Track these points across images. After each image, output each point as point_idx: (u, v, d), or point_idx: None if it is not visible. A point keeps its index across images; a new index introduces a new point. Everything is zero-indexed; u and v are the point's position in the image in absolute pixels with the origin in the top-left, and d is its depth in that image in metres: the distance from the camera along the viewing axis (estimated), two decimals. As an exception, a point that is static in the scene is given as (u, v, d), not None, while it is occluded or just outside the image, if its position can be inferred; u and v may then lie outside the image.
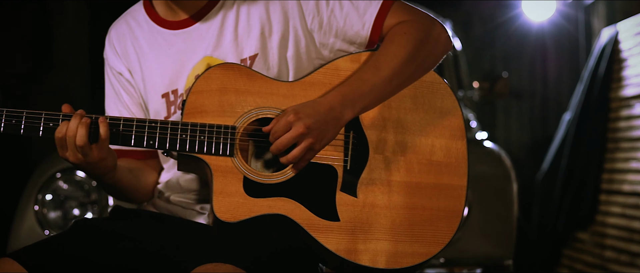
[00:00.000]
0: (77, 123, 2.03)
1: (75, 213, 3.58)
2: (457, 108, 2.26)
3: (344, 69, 2.20)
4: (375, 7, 2.22)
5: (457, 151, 2.24)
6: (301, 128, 2.03)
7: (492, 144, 4.07)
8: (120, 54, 2.34)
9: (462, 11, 8.34)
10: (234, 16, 2.24)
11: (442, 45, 2.23)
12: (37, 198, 3.54)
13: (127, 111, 2.35)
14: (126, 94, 2.35)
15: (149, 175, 2.35)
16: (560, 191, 6.21)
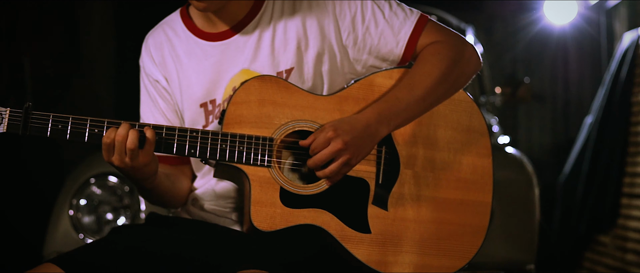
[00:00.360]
0: (127, 128, 2.09)
1: (108, 217, 3.68)
2: (484, 126, 2.34)
3: (378, 85, 2.27)
4: (410, 27, 2.29)
5: (483, 169, 2.32)
6: (339, 144, 2.11)
7: (514, 150, 4.13)
8: (157, 62, 2.41)
9: (484, 15, 8.39)
10: (271, 30, 2.30)
11: (473, 65, 2.31)
12: (72, 203, 3.63)
13: (163, 118, 2.42)
14: (162, 101, 2.42)
15: (183, 181, 2.42)
16: (581, 194, 6.26)
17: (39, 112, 2.15)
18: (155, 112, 2.42)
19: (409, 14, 2.31)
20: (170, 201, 2.40)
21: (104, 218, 3.68)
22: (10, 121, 2.11)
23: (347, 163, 2.14)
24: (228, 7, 2.29)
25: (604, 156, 6.08)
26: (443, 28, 2.34)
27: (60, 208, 3.64)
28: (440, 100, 2.27)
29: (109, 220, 3.67)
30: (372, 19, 2.29)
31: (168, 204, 2.42)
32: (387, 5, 2.31)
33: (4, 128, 2.11)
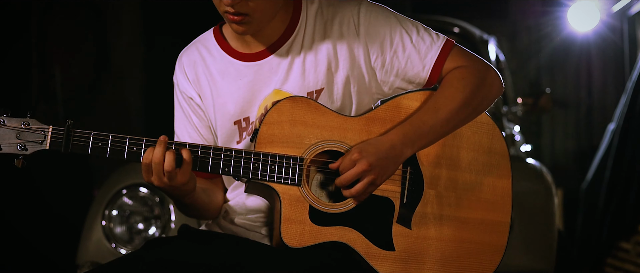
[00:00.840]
0: (163, 149, 2.18)
1: (139, 227, 3.79)
2: (505, 148, 2.43)
3: (404, 106, 2.36)
4: (436, 51, 2.37)
5: (503, 190, 2.41)
6: (364, 165, 2.21)
7: (534, 160, 4.21)
8: (191, 80, 2.49)
9: (508, 22, 8.47)
10: (303, 51, 2.38)
11: (496, 90, 2.39)
12: (104, 214, 3.75)
13: (196, 133, 2.50)
14: (196, 118, 2.50)
15: (218, 194, 2.51)
16: (603, 200, 6.31)
17: (81, 130, 2.23)
18: (190, 128, 2.51)
19: (435, 39, 2.39)
20: (207, 214, 2.49)
21: (136, 228, 3.79)
22: (52, 138, 2.21)
23: (372, 183, 2.24)
24: (263, 29, 2.37)
25: (626, 163, 6.13)
26: (468, 53, 2.42)
27: (93, 219, 3.76)
28: (463, 123, 2.36)
29: (140, 230, 3.78)
30: (400, 43, 2.37)
31: (205, 217, 2.52)
32: (414, 29, 2.39)
33: (47, 145, 2.21)
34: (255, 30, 2.35)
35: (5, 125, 2.20)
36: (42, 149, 2.22)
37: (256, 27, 2.34)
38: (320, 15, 2.41)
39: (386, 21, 2.38)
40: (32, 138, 2.21)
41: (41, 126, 2.22)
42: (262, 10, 2.29)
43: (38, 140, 2.21)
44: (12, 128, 2.20)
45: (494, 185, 2.41)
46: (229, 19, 2.31)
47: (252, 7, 2.26)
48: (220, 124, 2.45)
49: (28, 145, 2.20)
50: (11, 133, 2.20)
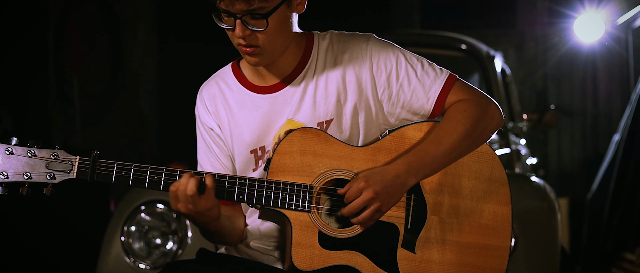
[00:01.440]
0: (188, 177, 2.33)
1: (157, 242, 3.91)
2: (504, 176, 2.55)
3: (409, 137, 2.50)
4: (439, 85, 2.50)
5: (503, 216, 2.54)
6: (371, 193, 2.35)
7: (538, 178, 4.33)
8: (211, 112, 2.62)
9: (516, 32, 8.60)
10: (314, 84, 2.52)
11: (496, 122, 2.53)
12: (123, 230, 3.87)
13: (218, 162, 2.62)
14: (217, 147, 2.63)
15: (240, 219, 2.63)
16: (608, 211, 6.43)
17: (105, 160, 2.37)
18: (212, 158, 2.63)
19: (439, 73, 2.52)
20: (230, 239, 2.62)
21: (153, 242, 3.91)
22: (79, 168, 2.36)
23: (378, 210, 2.38)
24: (277, 62, 2.51)
25: (630, 174, 6.24)
26: (470, 87, 2.55)
27: (111, 234, 3.88)
28: (464, 153, 2.49)
29: (158, 245, 3.90)
30: (406, 77, 2.50)
31: (229, 242, 2.64)
32: (419, 64, 2.53)
33: (74, 175, 2.36)
34: (268, 61, 2.48)
35: (36, 156, 2.35)
36: (69, 178, 2.36)
37: (268, 59, 2.47)
38: (331, 49, 2.54)
39: (393, 56, 2.51)
40: (60, 168, 2.35)
41: (69, 157, 2.36)
42: (272, 43, 2.42)
43: (66, 169, 2.35)
44: (42, 158, 2.35)
45: (495, 211, 2.53)
46: (242, 52, 2.44)
47: (262, 40, 2.40)
48: (237, 153, 2.58)
49: (56, 174, 2.35)
50: (41, 163, 2.35)
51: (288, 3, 2.43)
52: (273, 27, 2.40)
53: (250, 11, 2.35)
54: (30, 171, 2.34)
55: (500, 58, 5.44)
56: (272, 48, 2.44)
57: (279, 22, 2.41)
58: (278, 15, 2.40)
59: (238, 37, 2.39)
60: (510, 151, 4.77)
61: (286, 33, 2.47)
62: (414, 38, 5.72)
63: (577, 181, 8.27)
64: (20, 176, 2.34)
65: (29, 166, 2.34)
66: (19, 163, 2.34)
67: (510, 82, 5.64)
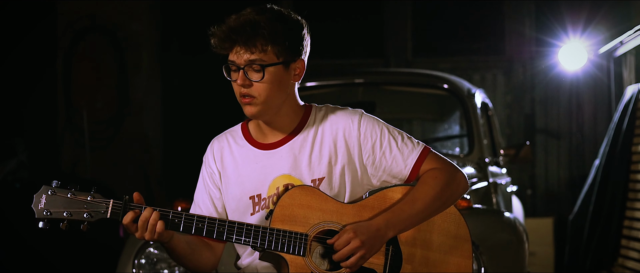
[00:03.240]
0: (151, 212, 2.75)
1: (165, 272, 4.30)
2: (467, 234, 2.97)
3: (389, 197, 2.92)
4: (416, 155, 2.94)
5: (465, 267, 2.95)
6: (357, 242, 2.77)
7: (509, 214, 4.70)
8: (216, 160, 3.04)
9: (504, 58, 9.00)
10: (309, 146, 2.95)
11: (462, 188, 2.96)
12: (134, 263, 4.24)
13: (209, 201, 3.03)
14: (214, 189, 3.04)
15: (203, 251, 3.01)
16: (587, 232, 6.83)
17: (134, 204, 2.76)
18: (205, 197, 3.05)
19: (415, 145, 2.96)
20: (187, 265, 3.00)
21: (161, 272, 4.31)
22: (113, 209, 2.75)
23: (362, 257, 2.79)
24: (277, 123, 2.94)
25: (608, 199, 6.64)
26: (441, 158, 2.98)
27: (124, 266, 4.25)
28: (435, 213, 2.91)
29: (165, 275, 4.30)
30: (388, 147, 2.94)
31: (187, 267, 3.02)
32: (400, 137, 2.96)
33: (108, 215, 2.75)
34: (263, 115, 2.89)
35: (76, 197, 2.75)
36: (103, 217, 2.76)
37: (263, 112, 2.87)
38: (326, 119, 2.97)
39: (378, 128, 2.94)
40: (95, 209, 2.75)
41: (104, 200, 2.75)
42: (267, 96, 2.83)
43: (101, 210, 2.75)
44: (81, 200, 2.74)
45: (458, 263, 2.95)
46: (241, 102, 2.87)
47: (258, 91, 2.81)
48: (238, 198, 2.98)
49: (93, 214, 2.75)
50: (80, 203, 2.74)
51: (285, 65, 2.84)
52: (268, 81, 2.81)
53: (251, 62, 2.78)
54: (70, 210, 2.74)
55: (481, 94, 5.78)
56: (266, 101, 2.84)
57: (274, 79, 2.82)
58: (274, 72, 2.81)
59: (239, 85, 2.82)
60: (487, 184, 5.14)
61: (281, 91, 2.87)
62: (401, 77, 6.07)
63: (563, 201, 8.66)
64: (61, 213, 2.73)
65: (70, 205, 2.73)
66: (60, 202, 2.73)
67: (492, 115, 5.99)
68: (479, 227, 4.29)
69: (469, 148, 5.32)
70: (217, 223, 2.82)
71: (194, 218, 2.81)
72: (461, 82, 5.68)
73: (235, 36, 2.78)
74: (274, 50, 2.80)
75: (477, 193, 4.99)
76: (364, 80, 5.77)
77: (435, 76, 5.85)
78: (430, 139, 5.90)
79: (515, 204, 6.49)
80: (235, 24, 2.78)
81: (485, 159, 5.27)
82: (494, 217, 4.50)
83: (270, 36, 2.78)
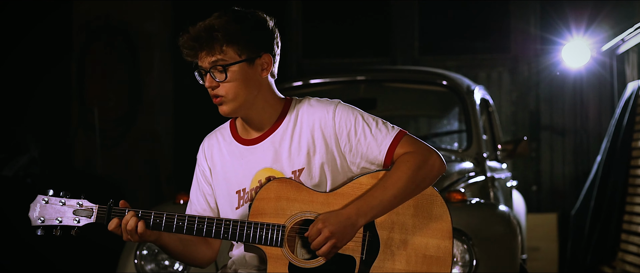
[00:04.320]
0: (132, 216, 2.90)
1: (166, 263, 4.42)
2: (447, 214, 3.04)
3: (365, 183, 3.00)
4: (389, 140, 3.02)
5: (445, 248, 3.02)
6: (327, 233, 2.88)
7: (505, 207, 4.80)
8: (207, 158, 3.18)
9: (510, 55, 9.10)
10: (289, 139, 3.05)
11: (436, 170, 3.02)
12: (136, 254, 4.37)
13: (203, 199, 3.18)
14: (206, 187, 3.18)
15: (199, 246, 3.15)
16: (588, 228, 6.93)
17: (118, 207, 2.93)
18: (199, 194, 3.19)
19: (390, 130, 3.04)
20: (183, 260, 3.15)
21: (162, 264, 4.41)
22: (98, 214, 2.92)
23: (334, 246, 2.90)
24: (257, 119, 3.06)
25: (608, 194, 6.74)
26: (415, 141, 3.06)
27: (126, 257, 4.39)
28: (408, 197, 2.99)
29: (166, 266, 4.41)
30: (363, 134, 3.03)
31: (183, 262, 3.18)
32: (374, 123, 3.05)
33: (94, 219, 2.93)
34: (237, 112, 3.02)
35: (66, 204, 2.92)
36: (90, 222, 2.93)
37: (234, 109, 3.00)
38: (304, 111, 3.08)
39: (352, 116, 3.05)
40: (83, 214, 2.92)
41: (91, 205, 2.92)
42: (234, 94, 2.97)
43: (88, 215, 2.92)
44: (70, 206, 2.92)
45: (438, 244, 3.02)
46: (215, 103, 3.00)
47: (224, 91, 2.95)
48: (226, 192, 3.12)
49: (81, 219, 2.91)
50: (69, 210, 2.91)
51: (249, 62, 2.97)
52: (233, 79, 2.95)
53: (214, 63, 2.92)
54: (61, 217, 2.91)
55: (481, 90, 5.88)
56: (235, 98, 2.98)
57: (239, 76, 2.96)
58: (238, 70, 2.95)
59: (207, 87, 2.97)
60: (485, 178, 5.26)
61: (249, 87, 3.00)
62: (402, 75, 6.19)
63: (568, 197, 8.75)
64: (53, 220, 2.91)
65: (60, 212, 2.91)
66: (52, 210, 2.91)
67: (492, 111, 6.10)
68: (473, 220, 4.41)
69: (467, 143, 5.43)
70: (196, 220, 2.94)
71: (174, 217, 2.94)
72: (461, 79, 5.79)
73: (194, 43, 2.93)
74: (233, 49, 2.94)
75: (474, 187, 5.11)
76: (366, 77, 5.90)
77: (435, 73, 5.96)
78: (429, 135, 6.03)
79: (516, 198, 6.61)
80: (194, 32, 2.93)
81: (483, 154, 5.38)
82: (487, 210, 4.62)
83: (225, 37, 2.92)
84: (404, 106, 6.25)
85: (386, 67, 8.10)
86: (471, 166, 5.24)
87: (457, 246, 4.23)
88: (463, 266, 4.24)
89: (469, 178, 5.10)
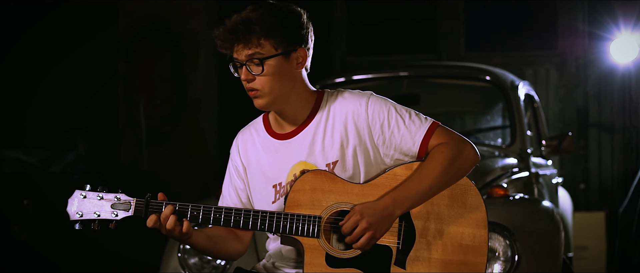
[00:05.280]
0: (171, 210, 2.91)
1: (208, 258, 4.48)
2: (482, 204, 3.03)
3: (400, 174, 3.00)
4: (423, 131, 3.02)
5: (480, 238, 3.02)
6: (365, 224, 2.88)
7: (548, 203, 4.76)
8: (241, 154, 3.19)
9: (557, 52, 9.02)
10: (322, 131, 3.06)
11: (470, 161, 3.02)
12: (180, 247, 4.43)
13: (235, 193, 3.19)
14: (239, 181, 3.19)
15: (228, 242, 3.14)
16: (636, 226, 6.81)
17: (155, 200, 2.95)
18: (231, 188, 3.20)
19: (423, 121, 3.04)
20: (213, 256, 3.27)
21: (205, 258, 4.48)
22: (136, 207, 2.94)
23: (372, 237, 2.90)
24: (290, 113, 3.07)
25: (657, 191, 6.63)
26: (449, 132, 3.05)
27: (170, 252, 4.45)
28: (443, 188, 2.99)
29: (209, 260, 4.47)
30: (396, 125, 3.03)
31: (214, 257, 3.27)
32: (407, 115, 3.05)
33: (132, 213, 2.95)
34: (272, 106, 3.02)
35: (103, 199, 2.95)
36: (128, 215, 2.95)
37: (270, 103, 3.00)
38: (337, 104, 3.09)
39: (385, 108, 3.04)
40: (121, 208, 2.94)
41: (128, 199, 2.94)
42: (270, 88, 2.97)
43: (126, 209, 2.94)
44: (108, 200, 2.94)
45: (473, 234, 3.01)
46: (250, 96, 3.01)
47: (260, 84, 2.95)
48: (262, 187, 3.13)
49: (119, 213, 2.94)
50: (107, 204, 2.94)
51: (285, 56, 2.98)
52: (269, 73, 2.95)
53: (251, 57, 2.92)
54: (99, 211, 2.93)
55: (526, 86, 5.84)
56: (271, 92, 2.98)
57: (275, 70, 2.96)
58: (274, 64, 2.95)
59: (243, 80, 2.97)
60: (528, 174, 5.22)
61: (284, 81, 3.00)
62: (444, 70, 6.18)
63: (617, 195, 8.64)
64: (91, 214, 2.93)
65: (98, 207, 2.93)
66: (90, 204, 2.93)
67: (537, 107, 6.05)
68: (515, 215, 4.39)
69: (510, 138, 5.41)
70: (233, 212, 2.96)
71: (211, 209, 2.96)
72: (504, 75, 5.75)
73: (231, 35, 2.92)
74: (270, 43, 2.94)
75: (518, 183, 5.08)
76: (408, 73, 5.89)
77: (478, 68, 5.93)
78: (473, 131, 5.99)
79: (562, 196, 6.53)
80: (231, 24, 2.93)
81: (527, 150, 5.35)
82: (530, 205, 4.59)
83: (263, 31, 2.92)
84: (447, 102, 6.23)
85: (429, 62, 8.07)
86: (515, 162, 5.21)
87: (499, 241, 4.21)
88: (505, 261, 4.22)
89: (512, 174, 5.07)
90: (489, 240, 4.24)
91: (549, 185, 5.77)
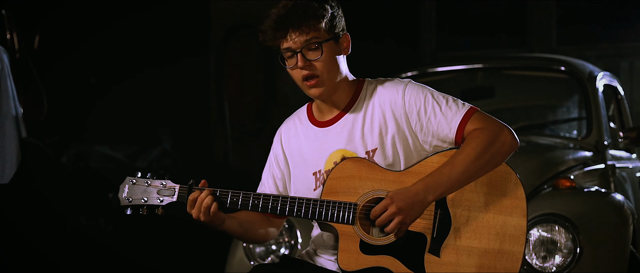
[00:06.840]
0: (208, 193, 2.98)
1: (273, 248, 4.55)
2: (522, 192, 2.98)
3: (436, 162, 2.99)
4: (459, 117, 3.01)
5: (519, 226, 2.97)
6: (394, 208, 2.88)
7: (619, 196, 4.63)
8: (283, 143, 3.26)
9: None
10: (361, 119, 3.09)
11: (507, 146, 2.97)
12: None
13: (272, 180, 3.25)
14: (277, 170, 3.25)
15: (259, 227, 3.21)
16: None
17: (198, 187, 3.03)
18: (269, 175, 3.27)
19: (460, 107, 3.02)
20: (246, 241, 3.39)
21: (270, 248, 4.54)
22: (179, 193, 3.04)
23: (402, 222, 2.90)
24: (332, 99, 3.10)
25: None
26: (486, 117, 3.02)
27: (236, 242, 4.57)
28: (478, 174, 2.96)
29: (273, 250, 4.55)
30: (433, 112, 3.03)
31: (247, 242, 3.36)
32: (444, 101, 3.04)
33: (175, 198, 3.05)
34: (327, 92, 3.06)
35: (150, 185, 3.06)
36: (172, 201, 3.06)
37: (327, 89, 3.04)
38: (376, 92, 3.12)
39: (422, 95, 3.05)
40: (166, 194, 3.05)
41: (173, 185, 3.05)
42: (329, 72, 3.01)
43: (170, 195, 3.05)
44: (154, 187, 3.06)
45: (511, 222, 2.97)
46: (306, 86, 3.06)
47: (320, 68, 3.00)
48: (304, 175, 3.18)
49: (164, 199, 3.05)
50: (154, 190, 3.06)
51: (335, 40, 3.03)
52: (327, 58, 3.00)
53: (307, 42, 2.97)
54: (146, 197, 3.05)
55: (606, 77, 5.71)
56: (329, 77, 3.03)
57: (331, 55, 3.01)
58: (329, 48, 3.00)
59: (301, 68, 3.00)
60: (604, 166, 5.10)
61: (336, 66, 3.05)
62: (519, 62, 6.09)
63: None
64: (139, 200, 3.06)
65: (146, 193, 3.05)
66: (139, 190, 3.06)
67: (621, 99, 5.90)
68: (580, 207, 4.31)
69: (586, 130, 5.31)
70: (271, 199, 3.01)
71: (250, 196, 3.01)
72: (582, 65, 5.64)
73: (287, 22, 2.95)
74: (324, 27, 2.99)
75: (591, 175, 4.98)
76: (483, 65, 5.83)
77: (553, 59, 5.84)
78: (548, 122, 5.89)
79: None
80: (284, 11, 2.97)
81: (604, 142, 5.23)
82: (597, 198, 4.49)
83: (317, 16, 2.97)
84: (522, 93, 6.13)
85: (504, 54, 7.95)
86: (589, 154, 5.11)
87: (561, 233, 4.15)
88: (567, 253, 4.15)
89: (585, 166, 4.97)
90: (550, 232, 4.17)
91: (631, 178, 5.62)
